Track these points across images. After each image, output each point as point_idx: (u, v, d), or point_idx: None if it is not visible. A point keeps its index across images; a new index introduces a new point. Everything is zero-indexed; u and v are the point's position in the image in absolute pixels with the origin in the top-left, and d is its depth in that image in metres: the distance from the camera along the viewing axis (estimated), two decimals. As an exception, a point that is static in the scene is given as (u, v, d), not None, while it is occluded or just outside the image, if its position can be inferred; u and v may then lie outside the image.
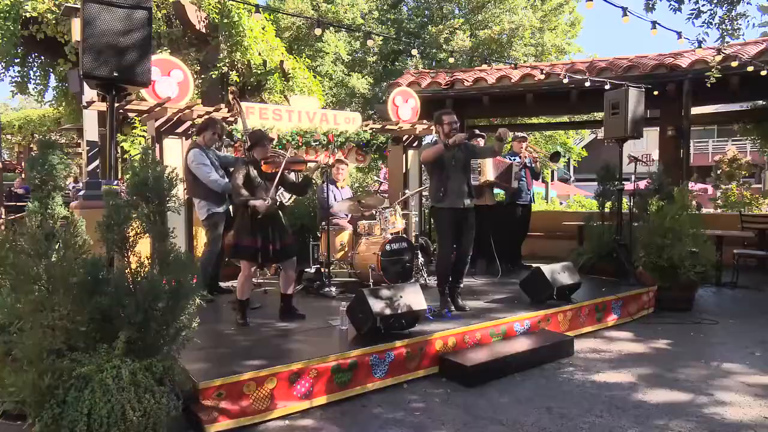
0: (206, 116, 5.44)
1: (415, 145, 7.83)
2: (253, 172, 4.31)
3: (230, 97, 4.79)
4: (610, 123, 6.28)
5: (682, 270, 5.62)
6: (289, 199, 6.13)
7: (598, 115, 10.78)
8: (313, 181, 5.24)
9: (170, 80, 5.46)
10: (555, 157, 7.43)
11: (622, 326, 5.26)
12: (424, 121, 7.69)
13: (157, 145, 5.49)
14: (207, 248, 5.20)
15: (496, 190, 6.74)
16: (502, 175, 6.43)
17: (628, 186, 6.77)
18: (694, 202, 6.77)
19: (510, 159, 6.82)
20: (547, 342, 4.38)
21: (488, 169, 6.36)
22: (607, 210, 6.76)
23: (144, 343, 2.73)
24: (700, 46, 5.80)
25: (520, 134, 7.11)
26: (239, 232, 4.25)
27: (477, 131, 6.73)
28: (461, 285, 4.89)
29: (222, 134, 5.33)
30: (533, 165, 6.93)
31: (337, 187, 6.33)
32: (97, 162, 6.75)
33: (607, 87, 6.90)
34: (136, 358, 2.64)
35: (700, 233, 5.86)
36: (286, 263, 4.49)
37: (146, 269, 2.86)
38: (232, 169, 5.11)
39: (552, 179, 22.55)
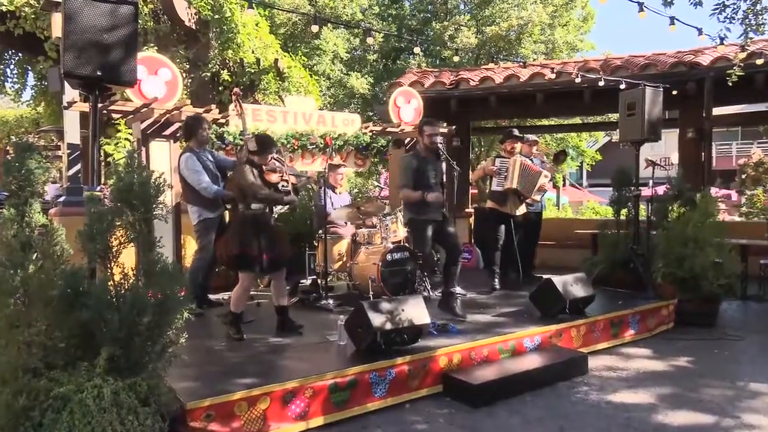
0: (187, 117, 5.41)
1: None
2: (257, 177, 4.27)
3: (233, 97, 4.81)
4: (625, 125, 6.28)
5: (704, 282, 5.60)
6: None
7: (613, 117, 10.75)
8: (304, 191, 5.27)
9: (157, 79, 5.46)
10: (559, 156, 7.38)
11: (640, 342, 5.24)
12: (428, 123, 7.69)
13: (143, 149, 5.49)
14: (197, 255, 5.21)
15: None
16: (524, 180, 6.37)
17: (646, 192, 6.75)
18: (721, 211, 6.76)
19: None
20: (559, 359, 4.37)
21: (515, 176, 6.31)
22: (622, 217, 6.74)
23: (127, 361, 2.72)
24: (722, 43, 5.80)
25: (531, 137, 7.12)
26: (245, 243, 4.18)
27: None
28: (456, 289, 5.13)
29: (210, 127, 5.36)
30: (543, 165, 6.93)
31: (335, 193, 6.33)
32: (78, 166, 6.75)
33: (622, 86, 6.90)
34: (119, 377, 2.63)
35: (723, 242, 5.84)
36: (277, 273, 4.50)
37: (131, 281, 2.85)
38: (230, 173, 5.11)
39: (564, 184, 22.58)
